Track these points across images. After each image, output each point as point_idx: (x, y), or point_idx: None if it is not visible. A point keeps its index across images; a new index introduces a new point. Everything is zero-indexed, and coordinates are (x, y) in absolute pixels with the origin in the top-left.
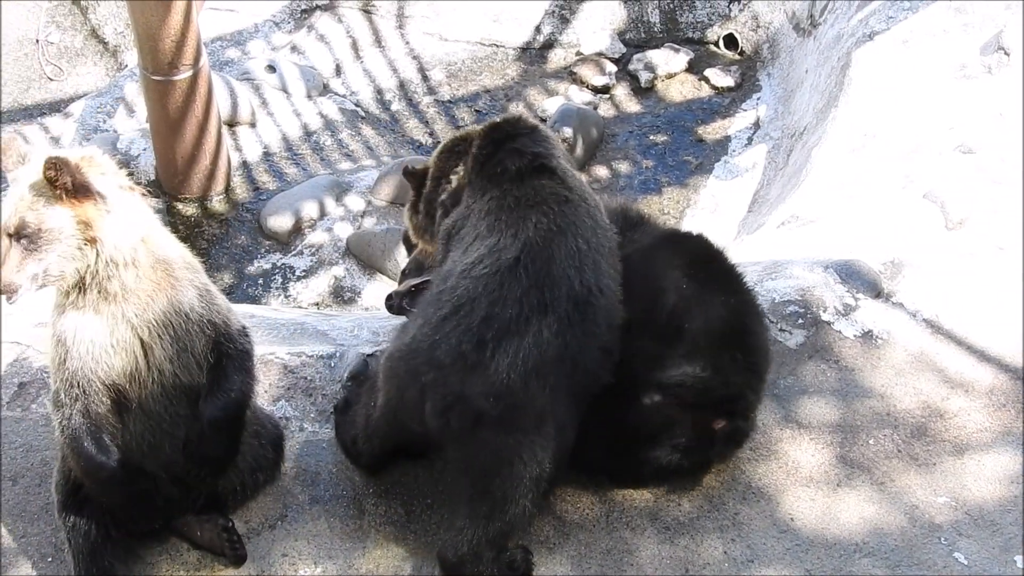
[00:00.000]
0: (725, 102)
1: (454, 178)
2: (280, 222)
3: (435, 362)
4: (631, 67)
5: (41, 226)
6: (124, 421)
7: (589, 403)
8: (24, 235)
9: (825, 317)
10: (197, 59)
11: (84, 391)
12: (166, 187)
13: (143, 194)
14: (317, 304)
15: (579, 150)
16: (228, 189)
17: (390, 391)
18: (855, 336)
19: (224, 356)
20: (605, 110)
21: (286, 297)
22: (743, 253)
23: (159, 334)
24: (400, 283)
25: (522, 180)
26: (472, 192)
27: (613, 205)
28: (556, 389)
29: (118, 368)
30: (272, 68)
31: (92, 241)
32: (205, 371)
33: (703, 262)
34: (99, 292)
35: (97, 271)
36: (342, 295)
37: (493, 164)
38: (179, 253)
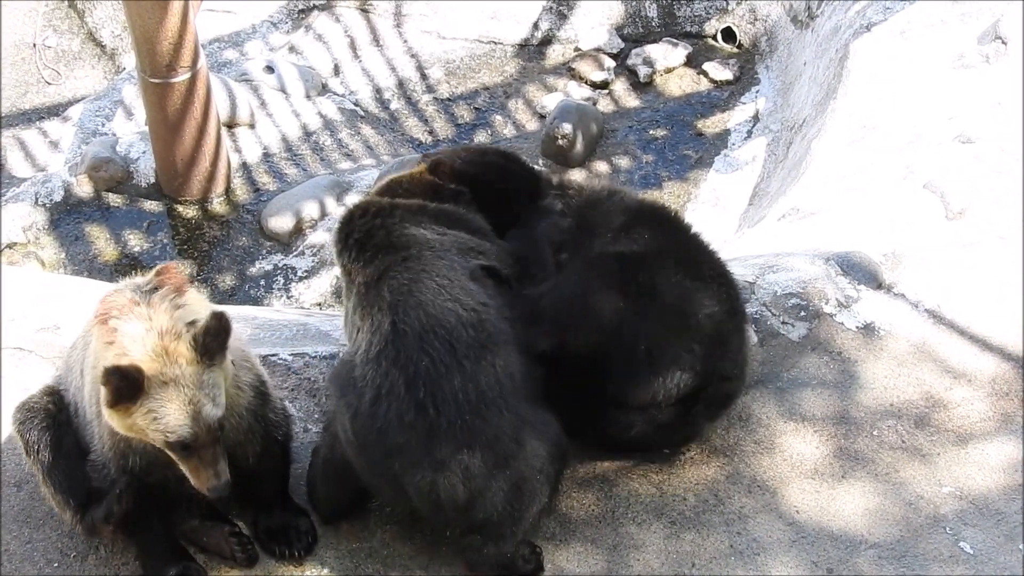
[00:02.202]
0: (724, 95)
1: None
2: (281, 223)
3: (391, 447)
4: (629, 62)
5: None
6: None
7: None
8: None
9: (827, 309)
10: (195, 61)
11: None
12: (166, 190)
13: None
14: (319, 304)
15: (579, 146)
16: (228, 191)
17: (358, 459)
18: (857, 328)
19: (272, 442)
20: (604, 105)
21: (288, 298)
22: (744, 246)
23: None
24: None
25: (365, 268)
26: (346, 289)
27: (598, 187)
28: (510, 401)
29: None
30: (270, 69)
31: None
32: (251, 455)
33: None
34: None
35: None
36: None
37: (342, 262)
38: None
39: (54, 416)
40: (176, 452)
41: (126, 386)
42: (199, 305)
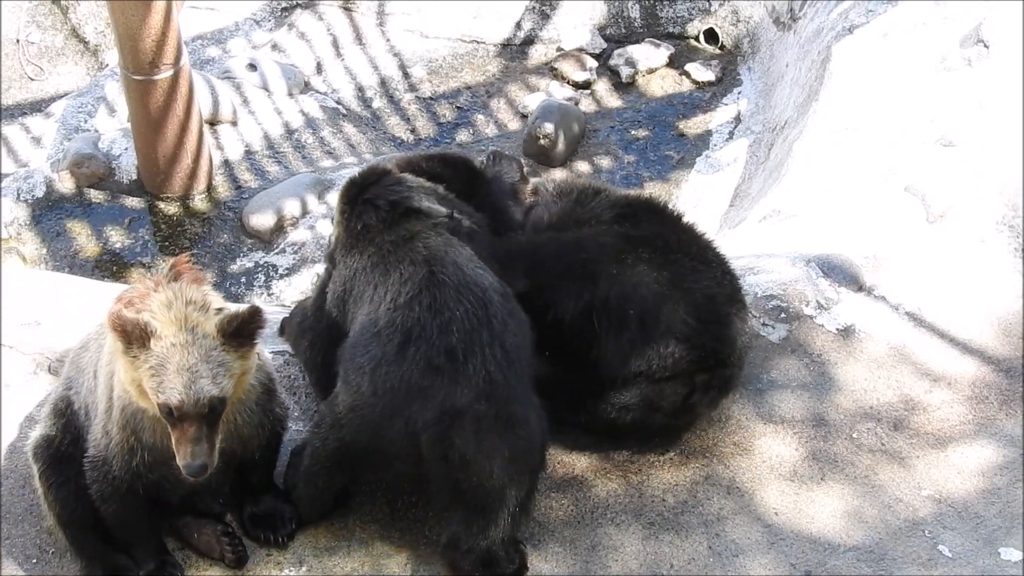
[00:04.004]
0: (706, 97)
1: (332, 238)
2: (262, 220)
3: (414, 390)
4: (612, 62)
5: None
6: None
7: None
8: None
9: (807, 311)
10: (178, 58)
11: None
12: (148, 186)
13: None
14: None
15: (560, 146)
16: (210, 188)
17: (358, 435)
18: (837, 330)
19: (274, 436)
20: (586, 105)
21: (269, 295)
22: (725, 248)
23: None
24: None
25: (390, 228)
26: (346, 252)
27: (577, 183)
28: (524, 372)
29: None
30: (253, 66)
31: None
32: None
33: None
34: None
35: None
36: None
37: (355, 222)
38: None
39: (62, 452)
40: (165, 417)
41: (132, 329)
42: (217, 298)
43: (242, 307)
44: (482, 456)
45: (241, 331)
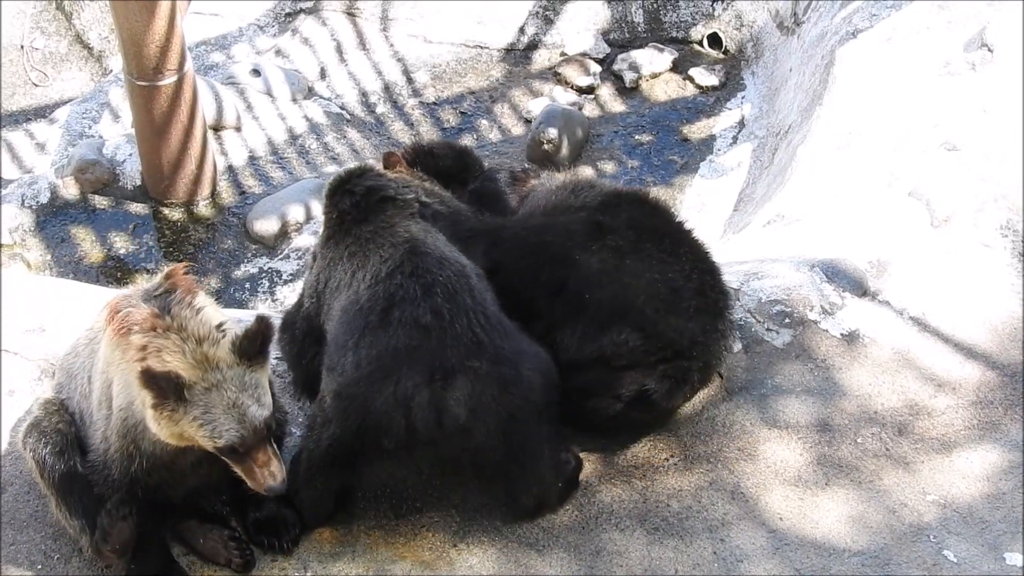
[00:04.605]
0: (710, 101)
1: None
2: (266, 226)
3: (401, 352)
4: (615, 67)
5: None
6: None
7: None
8: None
9: (811, 316)
10: (182, 64)
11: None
12: (152, 192)
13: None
14: None
15: (564, 151)
16: (214, 193)
17: (347, 421)
18: (841, 335)
19: (275, 440)
20: (590, 110)
21: (273, 301)
22: (729, 252)
23: None
24: None
25: (367, 219)
26: (324, 244)
27: (578, 177)
28: (509, 329)
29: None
30: (257, 72)
31: None
32: None
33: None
34: None
35: None
36: None
37: (333, 211)
38: None
39: (66, 436)
40: (228, 456)
41: (166, 384)
42: (212, 307)
43: (244, 319)
44: (478, 422)
45: (256, 347)
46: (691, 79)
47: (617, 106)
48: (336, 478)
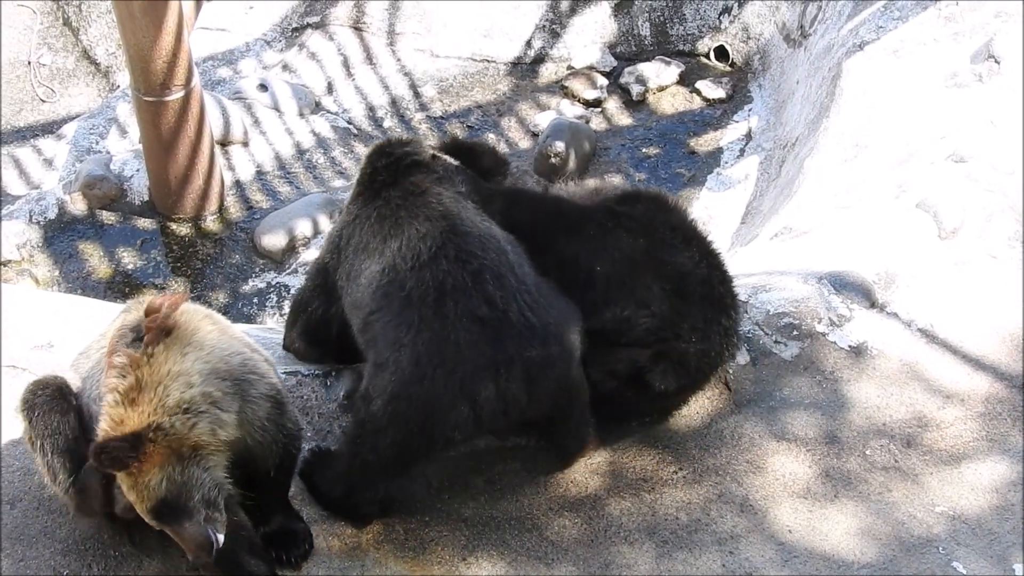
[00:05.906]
0: (717, 114)
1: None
2: (274, 241)
3: (463, 347)
4: (622, 80)
5: None
6: None
7: None
8: None
9: (819, 329)
10: (189, 79)
11: None
12: (160, 207)
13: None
14: None
15: (571, 164)
16: (221, 208)
17: (408, 424)
18: (849, 347)
19: (287, 454)
20: (597, 124)
21: (281, 316)
22: (737, 265)
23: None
24: None
25: (396, 181)
26: (353, 200)
27: (602, 183)
28: (550, 297)
29: None
30: (264, 87)
31: None
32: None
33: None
34: None
35: None
36: None
37: (367, 167)
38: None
39: (63, 390)
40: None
41: (120, 455)
42: (179, 356)
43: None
44: (535, 400)
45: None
46: (698, 92)
47: (624, 119)
48: (394, 479)
